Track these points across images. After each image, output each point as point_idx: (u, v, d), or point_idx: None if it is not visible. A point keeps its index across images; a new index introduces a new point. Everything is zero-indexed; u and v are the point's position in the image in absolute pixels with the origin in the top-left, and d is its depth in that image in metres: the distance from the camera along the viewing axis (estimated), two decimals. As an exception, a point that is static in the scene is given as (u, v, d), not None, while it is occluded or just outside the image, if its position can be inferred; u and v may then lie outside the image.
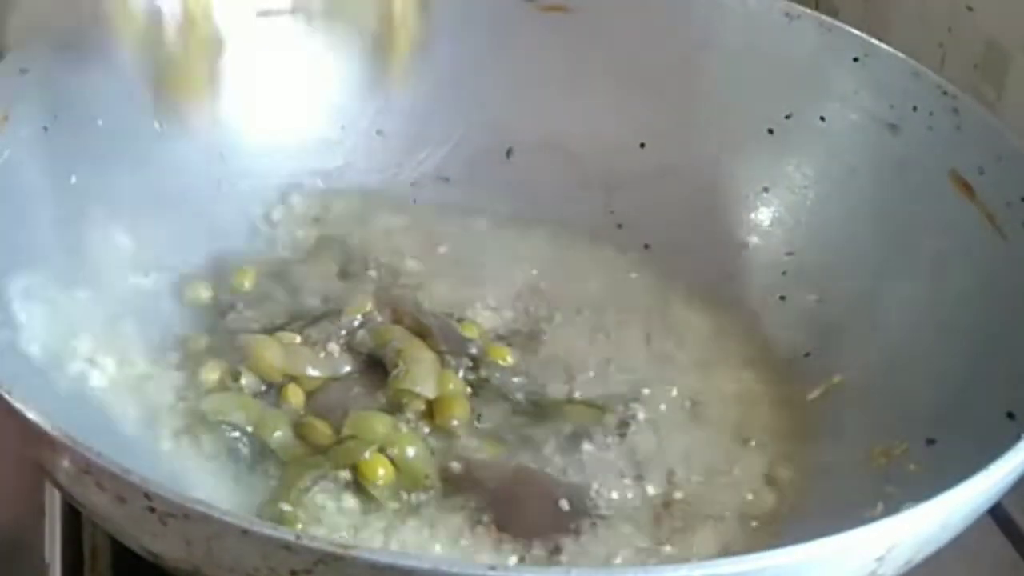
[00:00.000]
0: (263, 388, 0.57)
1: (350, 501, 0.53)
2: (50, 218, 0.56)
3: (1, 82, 0.56)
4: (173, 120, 0.62)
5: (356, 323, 0.60)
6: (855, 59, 0.64)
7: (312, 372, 0.58)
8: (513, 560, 0.52)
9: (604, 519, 0.54)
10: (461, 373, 0.59)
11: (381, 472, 0.53)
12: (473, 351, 0.60)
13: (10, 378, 0.44)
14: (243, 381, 0.57)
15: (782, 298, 0.65)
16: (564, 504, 0.54)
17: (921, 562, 0.45)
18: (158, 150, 0.62)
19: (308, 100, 0.68)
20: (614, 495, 0.55)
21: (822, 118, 0.66)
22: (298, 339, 0.59)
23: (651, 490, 0.56)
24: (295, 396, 0.57)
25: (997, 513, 0.59)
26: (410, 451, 0.54)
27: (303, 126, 0.68)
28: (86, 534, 0.56)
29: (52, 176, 0.57)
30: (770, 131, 0.67)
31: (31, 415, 0.43)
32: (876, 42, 0.64)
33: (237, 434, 0.55)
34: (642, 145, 0.69)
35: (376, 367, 0.59)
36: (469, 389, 0.59)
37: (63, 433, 0.42)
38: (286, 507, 0.52)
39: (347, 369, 0.59)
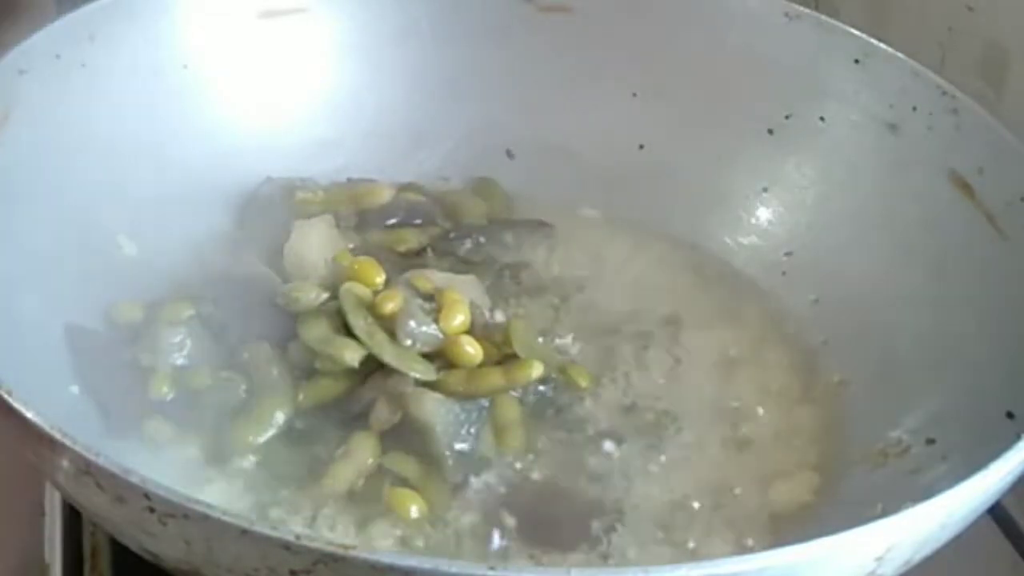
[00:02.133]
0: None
1: None
2: (50, 218, 0.57)
3: (1, 82, 0.56)
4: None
5: None
6: (855, 60, 0.64)
7: None
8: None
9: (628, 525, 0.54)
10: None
11: (414, 508, 0.53)
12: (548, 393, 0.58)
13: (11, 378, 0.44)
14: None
15: (781, 298, 0.65)
16: (595, 524, 0.54)
17: (921, 562, 0.45)
18: (157, 151, 0.62)
19: (308, 100, 0.68)
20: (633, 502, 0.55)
21: (822, 118, 0.66)
22: None
23: (656, 493, 0.56)
24: None
25: (997, 513, 0.59)
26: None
27: (303, 126, 0.68)
28: (86, 534, 0.56)
29: (52, 176, 0.57)
30: (770, 131, 0.67)
31: (31, 415, 0.43)
32: (876, 42, 0.64)
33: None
34: (641, 146, 0.69)
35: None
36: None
37: (63, 433, 0.42)
38: None
39: None
